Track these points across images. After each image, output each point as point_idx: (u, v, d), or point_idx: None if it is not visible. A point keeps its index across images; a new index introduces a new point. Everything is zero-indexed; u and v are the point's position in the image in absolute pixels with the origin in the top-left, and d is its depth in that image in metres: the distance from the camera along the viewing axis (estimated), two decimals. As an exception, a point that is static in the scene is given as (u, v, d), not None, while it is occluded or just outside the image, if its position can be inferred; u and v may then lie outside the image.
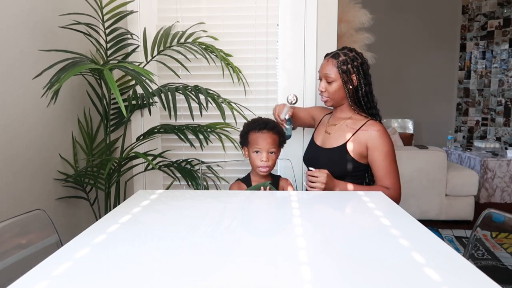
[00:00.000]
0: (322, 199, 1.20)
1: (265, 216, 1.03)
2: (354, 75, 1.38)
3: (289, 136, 1.55)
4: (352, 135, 1.39)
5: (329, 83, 1.41)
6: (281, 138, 1.44)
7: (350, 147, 1.39)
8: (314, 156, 1.50)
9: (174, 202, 1.13)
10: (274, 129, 1.42)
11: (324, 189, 1.34)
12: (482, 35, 4.57)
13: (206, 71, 1.93)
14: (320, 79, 1.45)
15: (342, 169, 1.40)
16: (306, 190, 1.40)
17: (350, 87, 1.39)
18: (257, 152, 1.39)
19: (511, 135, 4.41)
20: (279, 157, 1.51)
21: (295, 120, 1.66)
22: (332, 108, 1.53)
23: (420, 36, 4.76)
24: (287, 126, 1.53)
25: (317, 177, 1.34)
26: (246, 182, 1.47)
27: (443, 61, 4.80)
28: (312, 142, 1.56)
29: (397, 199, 1.36)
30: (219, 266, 0.69)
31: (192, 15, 1.93)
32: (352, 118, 1.44)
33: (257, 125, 1.42)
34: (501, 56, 4.42)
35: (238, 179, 1.51)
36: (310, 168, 1.40)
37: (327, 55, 1.45)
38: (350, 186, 1.37)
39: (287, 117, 1.52)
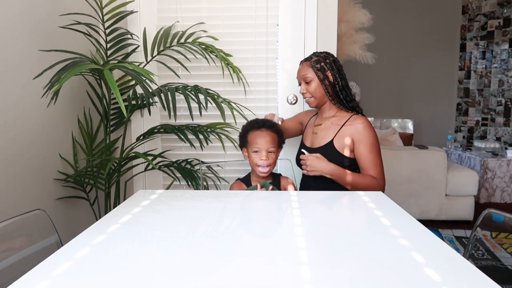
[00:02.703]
0: (322, 199, 1.20)
1: (265, 216, 1.03)
2: (328, 71, 1.46)
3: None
4: (338, 131, 1.44)
5: (307, 83, 1.49)
6: (280, 138, 1.44)
7: (336, 143, 1.43)
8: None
9: (174, 202, 1.13)
10: (272, 128, 1.43)
11: (314, 171, 1.41)
12: (482, 35, 4.57)
13: (206, 71, 1.93)
14: (300, 84, 1.53)
15: None
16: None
17: (327, 83, 1.46)
18: (256, 151, 1.39)
19: (511, 135, 4.41)
20: (279, 157, 1.51)
21: (285, 132, 1.70)
22: (317, 109, 1.59)
23: (420, 36, 4.75)
24: None
25: (305, 159, 1.44)
26: (246, 182, 1.47)
27: (443, 61, 4.80)
28: (301, 144, 1.62)
29: (382, 188, 1.42)
30: (219, 266, 0.69)
31: (192, 15, 1.93)
32: (336, 116, 1.49)
33: (255, 124, 1.44)
34: (501, 56, 4.42)
35: (239, 179, 1.51)
36: (303, 150, 1.49)
37: (301, 62, 1.54)
38: (337, 169, 1.40)
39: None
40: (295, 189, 1.49)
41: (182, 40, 1.75)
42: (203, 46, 1.74)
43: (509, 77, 4.37)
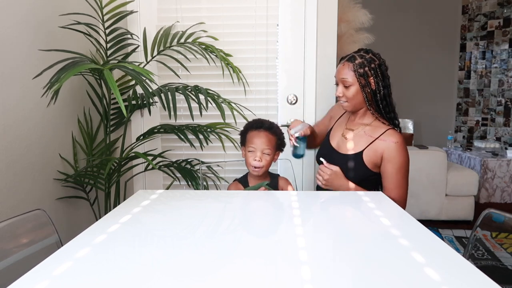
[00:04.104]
0: (322, 199, 1.20)
1: (265, 216, 1.03)
2: (371, 77, 1.31)
3: (300, 155, 1.42)
4: (370, 144, 1.34)
5: (346, 87, 1.34)
6: (278, 141, 1.43)
7: (366, 156, 1.33)
8: (329, 159, 1.43)
9: (174, 202, 1.13)
10: (270, 130, 1.42)
11: (328, 185, 1.34)
12: (482, 35, 4.56)
13: (206, 71, 1.93)
14: (337, 84, 1.39)
15: (355, 176, 1.35)
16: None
17: (368, 90, 1.33)
18: (251, 151, 1.40)
19: (511, 135, 4.41)
20: (279, 158, 1.51)
21: (320, 136, 1.59)
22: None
23: (420, 36, 4.75)
24: (297, 144, 1.40)
25: (323, 171, 1.36)
26: (243, 182, 1.47)
27: (443, 61, 4.80)
28: (327, 142, 1.48)
29: None
30: (219, 266, 0.69)
31: (192, 15, 1.93)
32: (371, 125, 1.38)
33: (255, 124, 1.44)
34: (501, 56, 4.42)
35: (236, 179, 1.51)
36: (322, 160, 1.39)
37: (342, 58, 1.39)
38: (353, 189, 1.34)
39: (296, 134, 1.39)
40: (294, 190, 1.49)
41: (182, 40, 1.75)
42: (203, 46, 1.74)
43: (509, 77, 4.37)
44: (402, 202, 1.33)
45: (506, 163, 3.44)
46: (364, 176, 1.35)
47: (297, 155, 1.42)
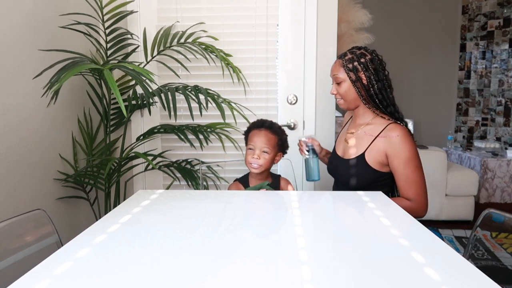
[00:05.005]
0: (322, 199, 1.20)
1: (265, 216, 1.03)
2: (362, 72, 1.29)
3: (312, 178, 1.42)
4: (371, 143, 1.30)
5: (338, 84, 1.34)
6: (279, 141, 1.43)
7: (368, 156, 1.29)
8: (335, 167, 1.42)
9: (174, 202, 1.13)
10: (271, 129, 1.42)
11: None
12: (482, 35, 4.56)
13: (206, 71, 1.93)
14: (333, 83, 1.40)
15: (363, 180, 1.31)
16: None
17: (360, 85, 1.30)
18: (250, 149, 1.40)
19: (511, 135, 4.40)
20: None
21: None
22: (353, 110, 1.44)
23: (420, 36, 4.75)
24: (306, 152, 1.43)
25: None
26: (243, 182, 1.47)
27: (443, 61, 4.80)
28: (333, 151, 1.48)
29: (419, 212, 1.24)
30: (219, 266, 0.69)
31: (192, 15, 1.93)
32: (371, 123, 1.34)
33: (256, 123, 1.45)
34: (501, 56, 4.42)
35: (236, 179, 1.51)
36: None
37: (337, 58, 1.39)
38: None
39: (303, 139, 1.44)
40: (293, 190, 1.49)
41: (182, 40, 1.75)
42: (203, 46, 1.74)
43: (509, 77, 4.37)
44: (420, 200, 1.25)
45: (506, 163, 3.44)
46: (373, 178, 1.30)
47: (309, 179, 1.43)
